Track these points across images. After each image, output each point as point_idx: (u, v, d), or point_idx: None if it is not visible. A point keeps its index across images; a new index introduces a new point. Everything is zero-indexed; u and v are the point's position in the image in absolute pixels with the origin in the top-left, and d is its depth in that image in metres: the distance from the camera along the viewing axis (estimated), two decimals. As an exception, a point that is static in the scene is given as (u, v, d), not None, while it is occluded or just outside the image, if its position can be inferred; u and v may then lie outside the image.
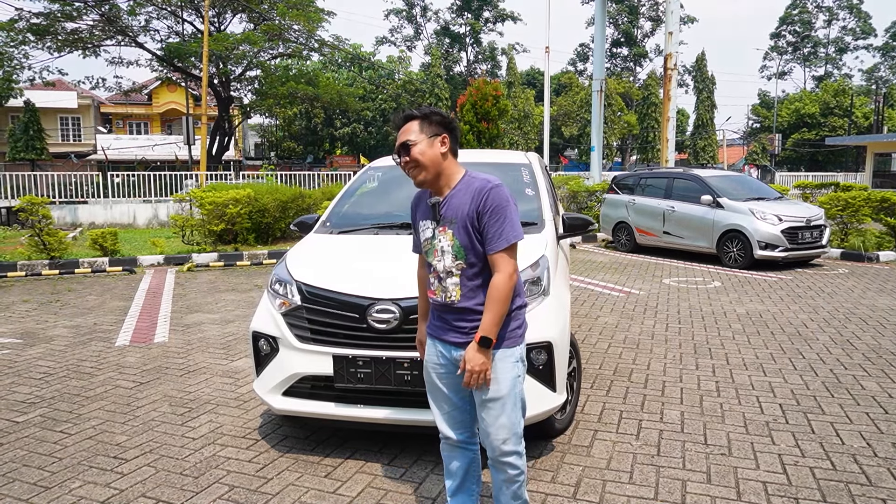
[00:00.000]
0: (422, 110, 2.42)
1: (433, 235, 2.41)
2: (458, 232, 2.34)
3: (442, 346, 2.46)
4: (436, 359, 2.48)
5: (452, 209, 2.36)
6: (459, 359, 2.38)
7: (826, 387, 4.56)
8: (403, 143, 2.37)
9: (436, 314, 2.49)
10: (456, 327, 2.40)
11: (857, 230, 11.78)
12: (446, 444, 2.57)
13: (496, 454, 2.39)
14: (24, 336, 6.25)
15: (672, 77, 16.45)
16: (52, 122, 38.83)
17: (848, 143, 33.02)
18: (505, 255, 2.29)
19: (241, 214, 11.70)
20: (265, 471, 3.36)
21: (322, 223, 4.45)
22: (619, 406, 4.24)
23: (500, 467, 2.42)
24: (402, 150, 2.38)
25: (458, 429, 2.52)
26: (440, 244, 2.38)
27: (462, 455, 2.56)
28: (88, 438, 3.80)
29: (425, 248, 2.46)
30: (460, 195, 2.36)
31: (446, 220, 2.37)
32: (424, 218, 2.48)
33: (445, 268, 2.37)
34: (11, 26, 24.28)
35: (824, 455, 3.46)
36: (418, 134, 2.37)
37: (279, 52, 31.03)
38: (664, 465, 3.38)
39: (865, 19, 59.53)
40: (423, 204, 2.51)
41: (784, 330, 6.23)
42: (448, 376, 2.47)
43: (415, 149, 2.35)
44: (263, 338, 3.57)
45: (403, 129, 2.40)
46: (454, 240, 2.35)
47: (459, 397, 2.49)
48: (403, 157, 2.38)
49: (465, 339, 2.37)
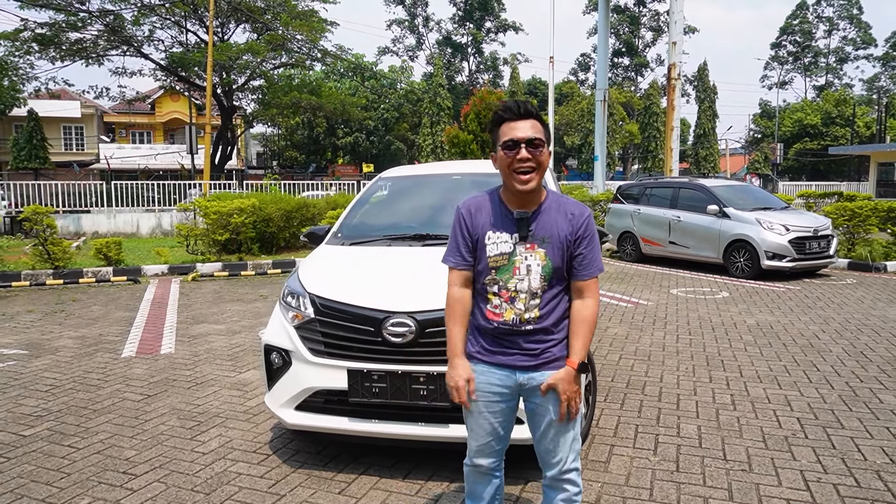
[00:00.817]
0: (540, 115, 2.23)
1: (513, 251, 2.21)
2: (551, 252, 2.19)
3: (502, 372, 2.26)
4: (490, 387, 2.28)
5: (545, 228, 2.21)
6: (527, 383, 2.24)
7: (843, 400, 4.50)
8: (534, 139, 2.16)
9: (490, 339, 2.27)
10: (525, 350, 2.23)
11: (864, 240, 11.73)
12: (476, 471, 2.43)
13: (559, 474, 2.29)
14: (29, 347, 6.20)
15: (676, 87, 16.47)
16: (56, 131, 38.93)
17: (851, 153, 33.06)
18: (596, 281, 2.24)
19: (245, 224, 11.67)
20: (278, 487, 3.30)
21: (333, 234, 4.41)
22: (634, 420, 4.18)
23: (561, 486, 2.32)
24: (528, 146, 2.15)
25: (492, 457, 2.39)
26: (526, 262, 2.20)
27: (490, 482, 2.44)
28: (97, 453, 3.74)
29: (495, 263, 2.22)
30: (552, 213, 2.23)
31: (537, 239, 2.20)
32: (498, 230, 2.23)
33: (530, 288, 2.20)
34: (16, 36, 24.38)
35: (847, 472, 3.40)
36: (544, 136, 2.19)
37: (282, 61, 31.14)
38: (684, 481, 3.32)
39: (866, 29, 59.77)
40: (489, 213, 2.28)
41: (796, 341, 6.17)
42: (500, 404, 2.30)
43: (544, 149, 2.18)
44: (276, 351, 3.52)
45: (528, 123, 2.18)
46: (546, 260, 2.19)
47: (504, 427, 2.35)
48: (530, 152, 2.15)
49: (533, 363, 2.22)
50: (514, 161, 2.17)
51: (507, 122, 2.21)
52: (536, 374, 2.24)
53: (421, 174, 5.08)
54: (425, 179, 4.97)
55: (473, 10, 54.79)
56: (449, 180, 4.81)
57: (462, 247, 2.31)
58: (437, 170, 5.18)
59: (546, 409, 2.25)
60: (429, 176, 5.01)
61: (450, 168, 5.19)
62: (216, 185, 19.87)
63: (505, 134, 2.20)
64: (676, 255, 11.60)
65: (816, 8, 60.81)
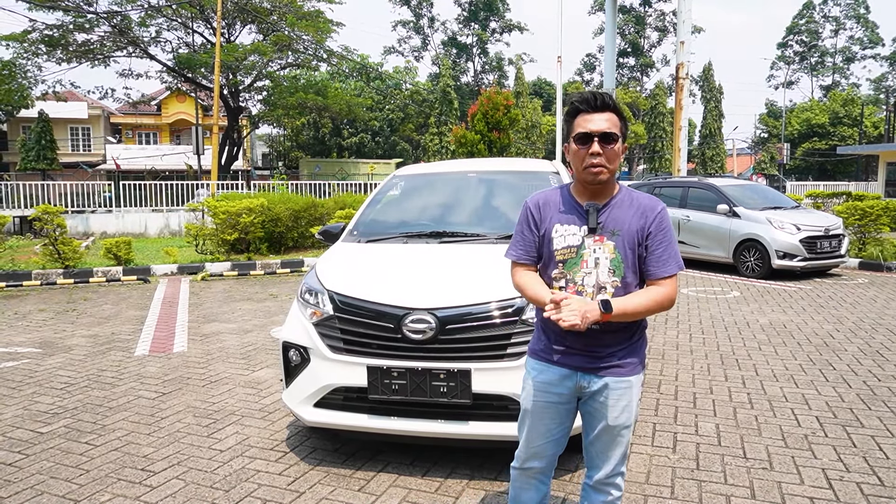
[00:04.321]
0: (618, 107, 2.15)
1: (582, 244, 2.15)
2: (621, 245, 2.12)
3: (563, 372, 2.21)
4: (550, 388, 2.23)
5: (615, 220, 2.15)
6: (588, 386, 2.18)
7: (862, 399, 4.47)
8: (609, 134, 2.09)
9: (555, 336, 2.21)
10: (588, 351, 2.16)
11: (876, 239, 11.66)
12: (523, 474, 2.36)
13: (606, 477, 2.26)
14: (42, 345, 6.22)
15: (684, 86, 16.39)
16: (63, 132, 39.09)
17: (860, 153, 32.87)
18: (674, 280, 2.15)
19: (254, 224, 11.68)
20: (297, 484, 3.29)
21: (349, 232, 4.40)
22: (651, 418, 4.16)
23: (606, 489, 2.28)
24: (602, 139, 2.09)
25: (544, 459, 2.33)
26: (594, 255, 2.13)
27: (536, 487, 2.38)
28: (115, 450, 3.74)
29: (563, 256, 2.16)
30: (623, 207, 2.16)
31: (606, 231, 2.14)
32: (567, 223, 2.18)
33: (598, 282, 2.12)
34: (25, 38, 24.48)
35: (869, 470, 3.37)
36: (619, 130, 2.13)
37: (288, 62, 31.17)
38: (705, 479, 3.30)
39: (872, 29, 59.43)
40: (557, 207, 2.22)
41: (810, 340, 6.13)
42: (557, 407, 2.24)
43: (617, 144, 2.11)
44: (294, 348, 3.51)
45: (604, 116, 2.11)
46: (615, 253, 2.12)
47: (560, 430, 2.29)
48: (602, 146, 2.09)
49: (595, 365, 2.16)
50: (586, 154, 2.11)
51: (583, 114, 2.14)
52: (598, 377, 2.18)
53: (435, 172, 5.07)
54: (440, 177, 4.96)
55: (478, 10, 54.75)
56: (464, 178, 4.80)
57: (527, 241, 2.27)
58: (451, 167, 5.17)
59: (603, 413, 2.20)
60: (443, 174, 5.01)
61: (464, 166, 5.18)
62: (224, 186, 19.89)
63: (578, 126, 2.14)
64: (686, 255, 11.51)
65: (823, 7, 60.54)
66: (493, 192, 4.56)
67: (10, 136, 38.89)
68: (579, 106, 2.15)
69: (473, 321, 3.15)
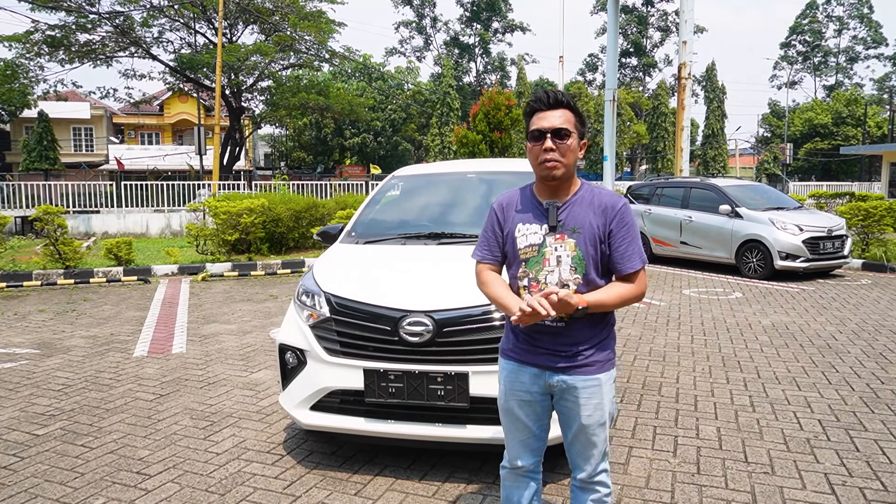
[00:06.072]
0: (574, 105, 2.19)
1: (543, 242, 2.17)
2: (582, 242, 2.13)
3: (532, 372, 2.21)
4: (521, 387, 2.23)
5: (575, 218, 2.16)
6: (557, 385, 2.18)
7: (865, 402, 4.42)
8: (561, 129, 2.13)
9: (522, 336, 2.23)
10: (555, 350, 2.17)
11: (879, 240, 11.59)
12: (513, 473, 2.37)
13: (590, 476, 2.26)
14: (41, 346, 6.20)
15: (686, 86, 16.33)
16: (65, 132, 39.15)
17: (863, 153, 32.77)
18: (641, 275, 2.16)
19: (255, 224, 11.66)
20: (293, 488, 3.27)
21: (347, 233, 4.37)
22: (651, 421, 4.12)
23: (592, 487, 2.28)
24: (554, 135, 2.12)
25: (529, 456, 2.33)
26: (555, 253, 2.15)
27: (527, 485, 2.37)
28: (110, 453, 3.72)
29: (525, 254, 2.18)
30: (583, 205, 2.18)
31: (567, 229, 2.15)
32: (527, 222, 2.20)
33: (561, 279, 2.13)
34: (27, 38, 24.51)
35: (872, 475, 3.33)
36: (573, 126, 2.16)
37: (290, 62, 31.16)
38: (706, 483, 3.26)
39: (876, 28, 59.24)
40: (520, 206, 2.25)
41: (813, 342, 6.08)
42: (532, 406, 2.25)
43: (571, 139, 2.14)
44: (290, 350, 3.48)
45: (556, 113, 2.15)
46: (577, 250, 2.13)
47: (539, 427, 2.30)
48: (554, 142, 2.12)
49: (563, 364, 2.16)
50: (540, 151, 2.15)
51: (538, 113, 2.19)
52: (567, 376, 2.18)
53: (434, 172, 5.04)
54: (439, 178, 4.93)
55: (481, 10, 54.74)
56: (462, 178, 4.77)
57: (491, 242, 2.30)
58: (450, 168, 5.14)
59: (576, 412, 2.19)
60: (442, 174, 4.97)
61: (463, 166, 5.15)
62: (225, 186, 19.88)
63: (533, 124, 2.19)
64: (688, 256, 11.50)
65: (826, 7, 60.37)
66: (493, 193, 4.51)
67: (13, 137, 38.97)
68: (534, 105, 2.20)
69: (471, 324, 3.12)
